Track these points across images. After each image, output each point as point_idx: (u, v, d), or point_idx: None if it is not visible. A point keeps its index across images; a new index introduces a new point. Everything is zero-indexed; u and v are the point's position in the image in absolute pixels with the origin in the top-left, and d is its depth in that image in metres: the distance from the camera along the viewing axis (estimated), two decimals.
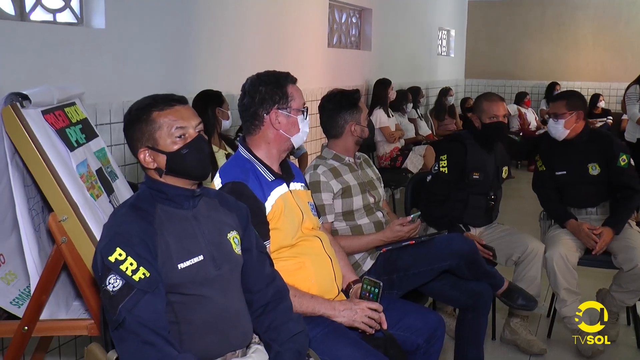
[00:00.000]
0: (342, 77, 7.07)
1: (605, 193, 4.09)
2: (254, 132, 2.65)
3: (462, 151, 3.94)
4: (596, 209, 4.13)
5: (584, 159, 4.07)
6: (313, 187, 3.13)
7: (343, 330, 2.50)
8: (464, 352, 3.37)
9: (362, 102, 3.35)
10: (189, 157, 2.04)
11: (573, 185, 4.10)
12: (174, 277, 1.96)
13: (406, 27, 9.10)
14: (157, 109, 2.02)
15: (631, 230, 4.00)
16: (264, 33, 5.53)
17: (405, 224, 3.15)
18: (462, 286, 3.27)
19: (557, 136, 4.08)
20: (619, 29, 11.73)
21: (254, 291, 2.23)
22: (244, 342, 2.15)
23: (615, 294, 3.96)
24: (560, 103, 4.07)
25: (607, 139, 4.13)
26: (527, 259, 3.82)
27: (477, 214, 4.01)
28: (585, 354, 3.86)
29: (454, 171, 3.92)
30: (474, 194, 3.98)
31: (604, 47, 11.73)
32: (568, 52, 11.96)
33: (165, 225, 2.00)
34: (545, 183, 4.17)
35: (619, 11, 11.74)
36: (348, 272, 2.87)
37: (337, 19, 7.33)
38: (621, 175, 4.01)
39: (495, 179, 4.04)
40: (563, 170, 4.10)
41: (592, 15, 11.89)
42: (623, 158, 4.02)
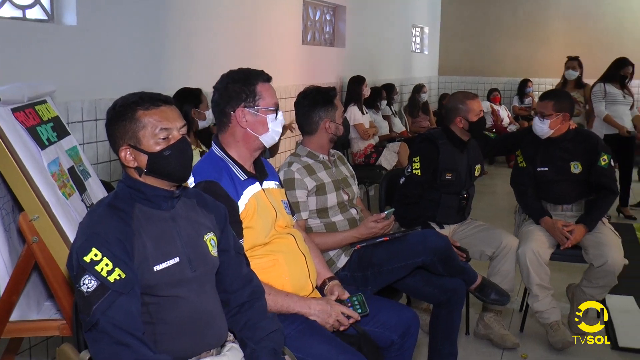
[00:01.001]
0: (317, 74, 7.07)
1: (583, 191, 4.14)
2: (224, 130, 2.64)
3: (434, 152, 3.94)
4: (572, 206, 4.18)
5: (567, 157, 4.12)
6: (287, 184, 3.13)
7: (318, 328, 2.51)
8: (438, 347, 3.40)
9: (337, 100, 3.35)
10: (171, 159, 2.01)
11: (553, 182, 4.15)
12: (149, 279, 1.95)
13: (380, 24, 9.12)
14: (142, 107, 2.00)
15: (604, 227, 4.06)
16: (239, 30, 5.51)
17: (379, 221, 3.16)
18: (435, 282, 3.29)
19: (541, 134, 4.13)
20: (588, 27, 11.86)
21: (231, 291, 2.23)
22: (219, 341, 2.15)
23: (585, 289, 4.01)
24: (548, 103, 4.10)
25: (593, 139, 4.20)
26: (500, 254, 3.85)
27: (449, 212, 4.03)
28: (556, 347, 3.90)
29: (426, 172, 3.92)
30: (447, 193, 3.99)
31: (574, 44, 11.81)
32: (540, 49, 12.07)
33: (143, 226, 1.98)
34: (523, 179, 4.21)
35: (588, 10, 11.88)
36: (322, 269, 2.87)
37: (311, 16, 7.33)
38: (601, 176, 4.07)
39: (468, 178, 4.06)
40: (545, 166, 4.15)
41: (562, 13, 12.01)
42: (604, 158, 4.08)
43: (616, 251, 3.83)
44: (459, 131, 4.00)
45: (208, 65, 4.95)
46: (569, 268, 4.72)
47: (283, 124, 2.71)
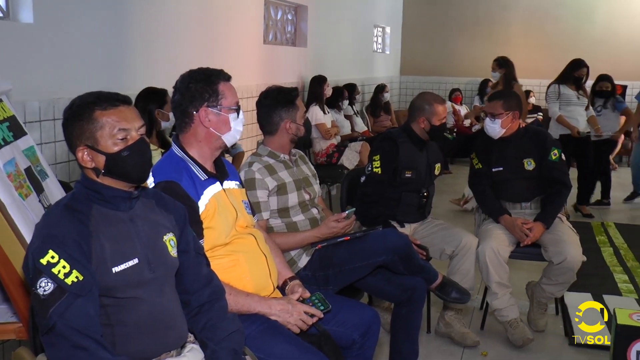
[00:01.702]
0: (278, 74, 7.06)
1: (540, 188, 4.20)
2: (186, 130, 2.62)
3: (395, 150, 3.96)
4: (530, 203, 4.23)
5: (520, 155, 4.17)
6: (248, 184, 3.12)
7: (279, 328, 2.51)
8: (399, 346, 3.42)
9: (299, 101, 3.35)
10: (129, 160, 1.99)
11: (509, 181, 4.20)
12: (108, 281, 1.92)
13: (342, 24, 9.14)
14: (100, 107, 1.97)
15: (562, 224, 4.12)
16: (200, 29, 5.48)
17: (341, 220, 3.17)
18: (396, 281, 3.32)
19: (493, 135, 4.17)
20: (547, 28, 12.04)
21: (191, 292, 2.21)
22: (179, 342, 2.13)
23: (544, 286, 4.07)
24: (497, 103, 4.15)
25: (542, 135, 4.28)
26: (460, 252, 3.89)
27: (410, 210, 4.05)
28: (516, 344, 3.95)
29: (387, 171, 3.94)
30: (407, 191, 4.02)
31: (534, 45, 12.02)
32: (500, 50, 12.10)
33: (101, 227, 1.95)
34: (481, 180, 4.26)
35: (547, 11, 12.05)
36: (283, 268, 2.87)
37: (272, 15, 7.31)
38: (552, 170, 4.13)
39: (428, 176, 4.09)
40: (500, 166, 4.20)
41: (522, 14, 12.17)
42: (554, 152, 4.15)
43: (575, 248, 3.89)
44: (419, 131, 4.03)
45: (169, 64, 4.91)
46: (528, 266, 4.79)
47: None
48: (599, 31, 11.79)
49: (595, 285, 5.08)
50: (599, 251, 6.06)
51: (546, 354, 3.95)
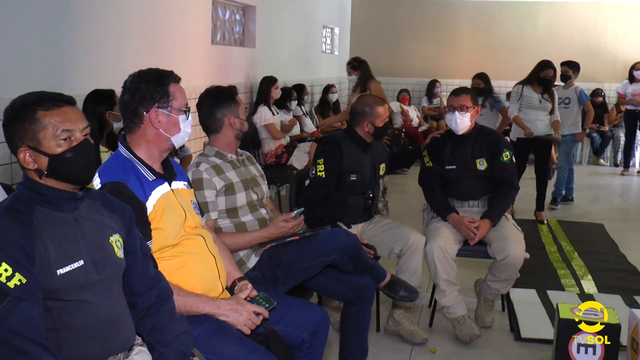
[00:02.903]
0: (227, 74, 7.02)
1: (489, 187, 4.28)
2: (134, 130, 2.60)
3: (338, 153, 3.99)
4: (478, 202, 4.31)
5: (474, 154, 4.25)
6: (196, 184, 3.10)
7: (228, 328, 2.51)
8: (348, 345, 3.45)
9: (239, 97, 3.36)
10: (72, 161, 1.97)
11: (461, 179, 4.27)
12: (52, 283, 1.89)
13: (290, 25, 9.14)
14: (43, 108, 1.94)
15: (507, 222, 4.20)
16: (147, 29, 5.42)
17: (289, 220, 3.18)
18: (345, 280, 3.34)
19: (461, 128, 4.23)
20: (493, 30, 12.26)
21: (138, 293, 2.19)
22: (126, 345, 2.12)
23: (490, 283, 4.14)
24: (466, 97, 4.24)
25: (495, 136, 4.36)
26: (408, 251, 3.93)
27: (356, 212, 4.08)
28: (463, 340, 4.02)
29: (331, 174, 3.96)
30: (352, 194, 4.05)
31: (479, 47, 12.23)
32: (447, 51, 12.38)
33: (45, 229, 1.92)
34: (431, 178, 4.31)
35: (492, 13, 12.27)
36: (232, 269, 2.87)
37: (220, 15, 7.27)
38: (503, 171, 4.22)
39: (373, 177, 4.13)
40: (453, 164, 4.26)
41: (468, 16, 12.36)
42: (506, 154, 4.23)
43: (518, 245, 3.97)
44: (363, 134, 4.08)
45: (116, 64, 4.85)
46: (475, 264, 4.86)
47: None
48: (541, 33, 12.06)
49: (540, 281, 5.19)
50: (544, 248, 6.20)
51: (493, 349, 4.02)
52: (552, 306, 4.44)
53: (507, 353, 3.99)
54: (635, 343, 3.53)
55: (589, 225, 7.17)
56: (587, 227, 7.12)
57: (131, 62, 4.22)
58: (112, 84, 4.43)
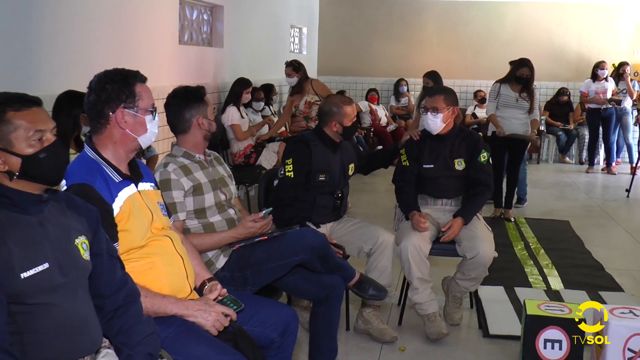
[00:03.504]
0: (194, 75, 6.98)
1: (464, 187, 4.31)
2: (100, 131, 2.58)
3: (307, 153, 4.00)
4: (451, 200, 4.34)
5: (453, 154, 4.28)
6: (163, 185, 3.09)
7: (196, 329, 2.49)
8: (318, 344, 3.46)
9: (207, 97, 3.35)
10: (46, 162, 1.96)
11: (438, 178, 4.30)
12: (16, 287, 1.87)
13: (258, 25, 9.12)
14: (12, 108, 1.92)
15: (478, 221, 4.24)
16: (113, 29, 5.37)
17: (258, 220, 3.18)
18: (314, 279, 3.35)
19: (434, 129, 4.25)
20: (459, 30, 12.35)
21: (105, 295, 2.18)
22: (93, 347, 2.10)
23: (459, 281, 4.18)
24: (439, 97, 4.24)
25: (475, 136, 4.41)
26: (377, 250, 3.94)
27: (324, 212, 4.08)
28: (431, 337, 4.04)
29: (299, 174, 3.96)
30: (321, 194, 4.05)
31: (447, 46, 12.31)
32: (414, 51, 12.44)
33: (8, 232, 1.90)
34: (405, 176, 4.33)
35: (459, 13, 12.36)
36: (201, 270, 2.87)
37: (188, 15, 7.23)
38: (479, 171, 4.25)
39: (342, 177, 4.14)
40: (431, 163, 4.28)
41: (435, 16, 12.44)
42: (484, 155, 4.27)
43: (487, 244, 4.01)
44: (332, 134, 4.09)
45: (81, 65, 4.79)
46: (443, 262, 4.90)
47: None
48: (508, 33, 12.18)
49: (508, 279, 5.25)
50: (511, 245, 6.26)
51: (461, 347, 4.06)
52: (519, 303, 4.49)
53: (476, 350, 4.03)
54: (599, 337, 3.59)
55: (555, 223, 7.27)
56: (553, 224, 7.22)
57: (98, 62, 4.18)
58: (78, 84, 4.38)
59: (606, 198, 8.94)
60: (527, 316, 3.69)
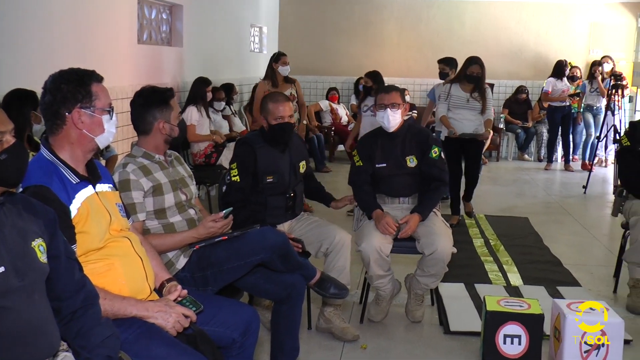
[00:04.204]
0: (154, 74, 6.93)
1: (419, 184, 4.34)
2: (57, 132, 2.54)
3: (252, 156, 3.93)
4: (408, 198, 4.37)
5: (404, 152, 4.30)
6: (122, 185, 3.06)
7: (157, 331, 2.48)
8: (280, 343, 3.46)
9: (174, 101, 3.30)
10: (7, 164, 1.94)
11: (391, 177, 4.32)
12: None
13: (218, 24, 9.08)
14: None
15: (436, 217, 4.27)
16: (70, 28, 5.29)
17: (218, 220, 3.16)
18: (275, 279, 3.35)
19: (394, 125, 4.28)
20: (420, 29, 12.44)
21: (63, 298, 2.15)
22: (50, 351, 2.07)
23: (419, 278, 4.20)
24: (396, 94, 4.30)
25: (424, 133, 4.44)
26: (335, 249, 3.95)
27: (278, 212, 4.03)
28: (367, 315, 4.22)
29: (245, 178, 3.90)
30: (272, 195, 4.01)
31: (407, 45, 12.40)
32: (375, 50, 12.50)
33: None
34: (360, 176, 4.34)
35: (419, 12, 12.45)
36: (161, 270, 2.85)
37: (147, 14, 7.17)
38: (432, 167, 4.29)
39: (293, 177, 4.09)
40: (383, 163, 4.30)
41: (396, 15, 12.51)
42: (435, 150, 4.30)
43: (445, 240, 4.04)
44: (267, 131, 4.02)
45: (37, 65, 4.72)
46: (406, 259, 4.91)
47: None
48: (468, 32, 12.31)
49: (468, 275, 5.30)
50: (471, 242, 6.33)
51: (422, 343, 4.09)
52: (479, 299, 4.53)
53: (437, 347, 4.06)
54: (557, 332, 3.65)
55: (514, 219, 7.37)
56: (512, 220, 7.31)
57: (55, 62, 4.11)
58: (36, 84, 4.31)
59: (564, 194, 9.08)
60: (487, 312, 3.73)
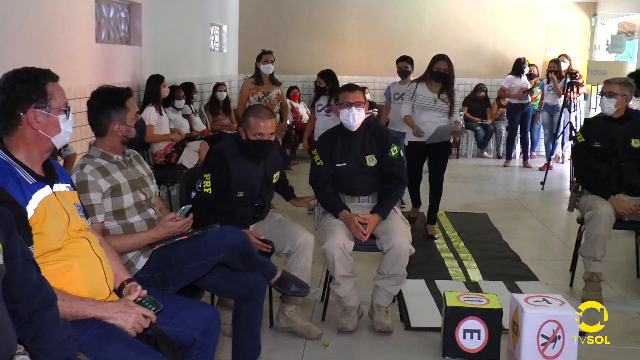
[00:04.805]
0: (113, 74, 6.85)
1: (379, 183, 4.37)
2: (12, 132, 2.51)
3: (225, 170, 3.85)
4: (368, 197, 4.41)
5: (363, 151, 4.34)
6: (80, 187, 3.02)
7: (116, 331, 2.46)
8: (242, 342, 3.46)
9: (130, 102, 3.26)
10: None
11: (351, 176, 4.35)
12: None
13: (178, 23, 9.01)
14: None
15: (395, 215, 4.31)
16: (25, 26, 5.21)
17: (178, 219, 3.15)
18: (236, 278, 3.35)
19: (357, 124, 4.32)
20: (380, 28, 12.51)
21: (19, 300, 2.12)
22: (6, 354, 2.04)
23: (378, 282, 4.19)
24: (360, 92, 4.37)
25: (383, 131, 4.49)
26: (297, 251, 3.96)
27: (245, 221, 3.96)
28: (337, 327, 4.16)
29: (217, 191, 3.84)
30: (240, 206, 3.94)
31: (367, 44, 12.46)
32: (336, 48, 12.53)
33: None
34: (321, 176, 4.35)
35: (379, 11, 12.53)
36: (120, 271, 2.83)
37: (105, 13, 7.09)
38: (391, 166, 4.33)
39: (265, 187, 4.04)
40: (343, 162, 4.33)
41: (356, 14, 12.56)
42: (394, 149, 4.35)
43: (403, 237, 4.07)
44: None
45: None
46: (370, 257, 4.94)
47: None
48: (427, 31, 12.42)
49: (429, 272, 5.35)
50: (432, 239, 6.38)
51: (384, 340, 4.11)
52: (440, 295, 4.57)
53: (398, 343, 4.09)
54: (515, 325, 3.72)
55: (474, 216, 7.46)
56: (472, 217, 7.41)
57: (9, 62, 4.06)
58: None
59: (523, 191, 9.23)
60: (447, 308, 3.78)
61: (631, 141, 4.93)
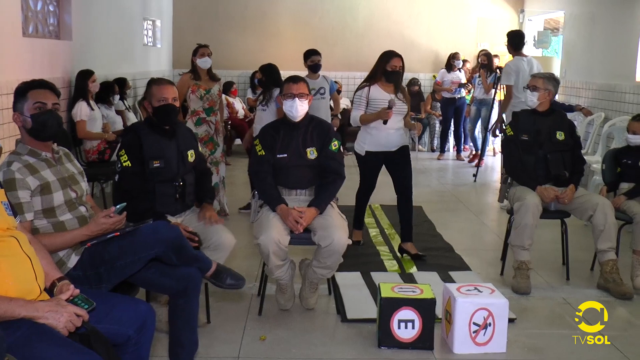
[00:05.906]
0: (42, 69, 6.69)
1: (317, 177, 4.40)
2: None
3: (137, 141, 3.88)
4: (305, 190, 4.42)
5: (305, 143, 4.37)
6: (8, 185, 2.96)
7: (47, 331, 2.42)
8: (178, 337, 3.43)
9: (33, 92, 3.16)
10: None
11: (291, 168, 4.37)
12: None
13: (110, 17, 8.86)
14: None
15: (332, 209, 4.34)
16: None
17: (111, 216, 3.11)
18: (171, 272, 3.33)
19: (301, 114, 4.37)
20: (314, 23, 12.55)
21: None
22: None
23: (315, 269, 4.25)
24: (303, 84, 4.41)
25: (325, 125, 4.52)
26: (217, 249, 3.91)
27: (168, 201, 3.95)
28: (279, 305, 4.35)
29: (135, 162, 3.85)
30: (160, 182, 3.93)
31: (302, 39, 12.43)
32: (270, 43, 12.51)
33: None
34: (262, 166, 4.36)
35: (314, 6, 12.57)
36: (51, 270, 2.78)
37: (32, 6, 6.91)
38: (331, 159, 4.37)
39: (181, 164, 4.02)
40: (284, 153, 4.34)
41: (291, 9, 12.56)
42: (335, 143, 4.40)
43: (341, 232, 4.11)
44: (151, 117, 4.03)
45: None
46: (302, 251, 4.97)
47: None
48: (361, 26, 12.52)
49: (364, 264, 5.41)
50: (367, 232, 6.44)
51: (320, 333, 4.14)
52: (375, 287, 4.63)
53: (334, 335, 4.14)
54: (448, 314, 3.81)
55: None
56: None
57: None
58: None
59: (456, 183, 9.41)
60: (381, 299, 3.84)
61: (556, 134, 5.12)
